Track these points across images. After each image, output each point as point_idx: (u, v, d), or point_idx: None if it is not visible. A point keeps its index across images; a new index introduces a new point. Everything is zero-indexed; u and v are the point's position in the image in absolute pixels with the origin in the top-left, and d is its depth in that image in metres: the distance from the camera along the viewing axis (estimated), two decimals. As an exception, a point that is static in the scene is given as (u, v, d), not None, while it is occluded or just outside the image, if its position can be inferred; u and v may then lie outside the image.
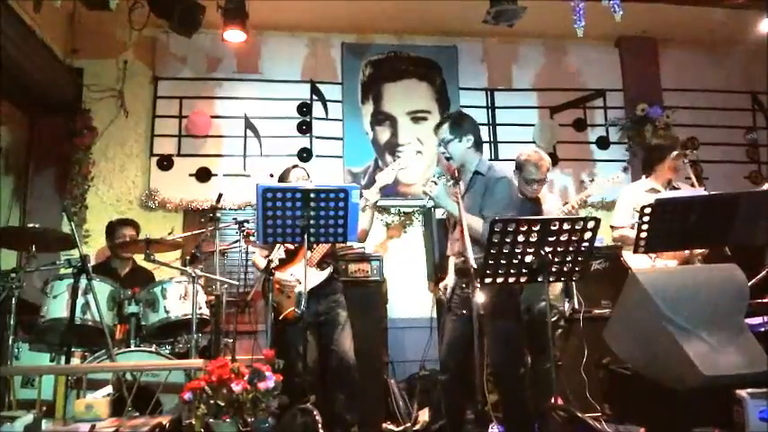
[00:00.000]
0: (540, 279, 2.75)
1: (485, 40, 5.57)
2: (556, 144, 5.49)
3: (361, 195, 3.56)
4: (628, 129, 5.50)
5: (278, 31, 5.34)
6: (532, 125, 5.51)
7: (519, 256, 2.69)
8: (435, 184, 2.98)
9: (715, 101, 5.68)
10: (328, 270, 3.55)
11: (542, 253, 2.67)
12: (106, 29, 5.11)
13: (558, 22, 4.80)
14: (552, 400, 2.59)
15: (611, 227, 3.83)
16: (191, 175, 5.09)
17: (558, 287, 3.67)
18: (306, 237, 2.83)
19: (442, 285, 3.19)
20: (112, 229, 4.23)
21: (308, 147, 5.26)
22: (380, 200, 3.58)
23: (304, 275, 2.91)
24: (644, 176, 3.85)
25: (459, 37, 5.51)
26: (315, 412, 1.50)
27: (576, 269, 2.78)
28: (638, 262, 3.48)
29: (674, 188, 3.70)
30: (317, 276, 3.51)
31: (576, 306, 3.95)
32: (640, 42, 5.67)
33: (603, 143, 5.57)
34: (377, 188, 3.54)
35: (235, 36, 4.67)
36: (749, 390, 2.06)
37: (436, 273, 4.20)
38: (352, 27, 5.42)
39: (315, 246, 3.39)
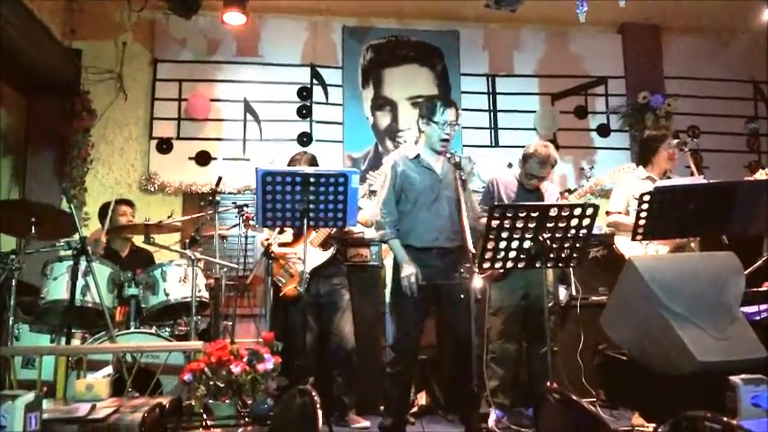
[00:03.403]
0: (538, 265, 2.77)
1: (486, 26, 5.54)
2: (556, 131, 5.48)
3: (364, 180, 3.58)
4: (629, 117, 5.49)
5: (278, 13, 5.31)
6: (533, 112, 5.50)
7: (517, 243, 2.71)
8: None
9: (716, 90, 5.67)
10: (331, 251, 3.57)
11: (540, 239, 2.69)
12: (104, 10, 5.08)
13: (560, 8, 4.77)
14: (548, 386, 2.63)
15: (607, 212, 3.84)
16: (190, 158, 5.09)
17: (550, 274, 3.68)
18: (305, 221, 2.84)
19: (408, 276, 3.02)
20: (107, 208, 4.20)
21: (308, 131, 5.25)
22: None
23: (304, 255, 2.92)
24: (641, 166, 3.86)
25: (460, 22, 5.48)
26: (313, 393, 1.52)
27: (574, 256, 2.80)
28: (630, 247, 3.50)
29: (668, 178, 3.70)
30: (319, 256, 3.54)
31: (574, 293, 3.98)
32: (644, 30, 5.64)
33: (604, 131, 5.56)
34: (382, 171, 3.55)
35: (235, 18, 4.64)
36: (742, 376, 2.08)
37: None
38: (352, 11, 5.39)
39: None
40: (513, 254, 2.74)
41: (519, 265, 2.79)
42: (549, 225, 2.69)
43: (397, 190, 3.14)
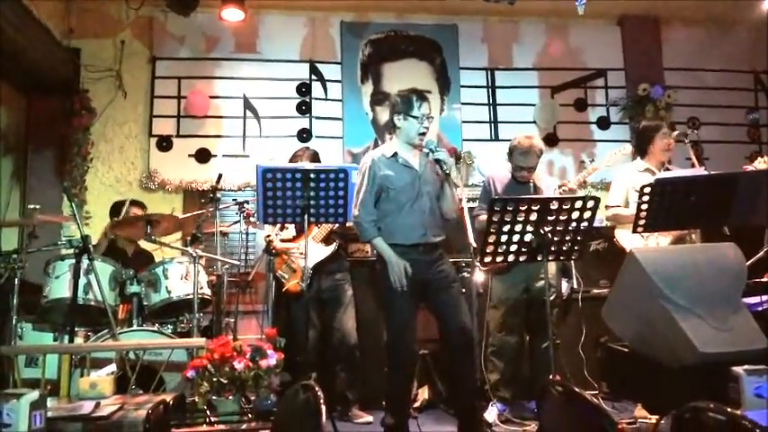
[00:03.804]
0: (539, 258, 2.78)
1: (485, 19, 5.52)
2: (556, 124, 5.47)
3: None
4: (629, 109, 5.48)
5: (276, 9, 5.29)
6: (533, 105, 5.49)
7: (518, 236, 2.72)
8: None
9: (717, 81, 5.65)
10: (333, 246, 3.58)
11: (542, 232, 2.69)
12: (103, 8, 5.07)
13: (559, 1, 4.75)
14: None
15: (606, 206, 3.85)
16: (190, 155, 5.08)
17: (553, 267, 3.68)
18: (306, 217, 2.85)
19: (397, 272, 2.96)
20: (118, 208, 4.21)
21: (308, 127, 5.24)
22: None
23: (305, 250, 2.93)
24: (638, 158, 3.86)
25: (459, 16, 5.47)
26: (317, 388, 1.52)
27: (576, 248, 2.81)
28: (630, 241, 3.50)
29: (667, 169, 3.70)
30: (322, 252, 3.54)
31: (575, 286, 3.98)
32: (643, 21, 5.62)
33: (604, 123, 5.55)
34: None
35: (233, 15, 4.63)
36: (745, 367, 2.09)
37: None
38: (350, 5, 5.37)
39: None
40: (514, 247, 2.75)
41: (520, 259, 2.80)
42: (549, 218, 2.69)
43: (376, 191, 3.06)
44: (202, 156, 5.09)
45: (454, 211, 3.12)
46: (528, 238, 2.73)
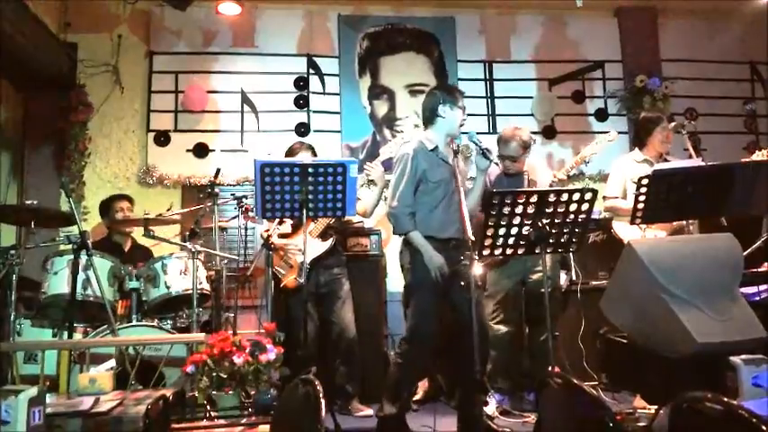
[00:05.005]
0: (537, 251, 2.78)
1: (483, 12, 5.51)
2: (554, 116, 5.47)
3: (363, 170, 3.58)
4: (626, 100, 5.47)
5: (273, 3, 5.27)
6: (531, 97, 5.48)
7: (516, 229, 2.72)
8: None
9: (714, 71, 5.64)
10: (330, 241, 3.58)
11: (540, 225, 2.69)
12: (99, 3, 5.04)
13: (556, -8, 4.73)
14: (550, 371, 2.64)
15: (604, 197, 3.86)
16: (188, 150, 5.07)
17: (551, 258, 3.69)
18: (304, 211, 2.84)
19: (440, 266, 3.01)
20: (107, 205, 4.24)
21: (306, 122, 5.23)
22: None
23: (304, 246, 2.93)
24: (636, 149, 3.85)
25: (456, 8, 5.45)
26: (316, 382, 1.53)
27: (574, 240, 2.81)
28: (628, 232, 3.51)
29: (665, 161, 3.70)
30: (319, 247, 3.55)
31: (574, 278, 3.99)
32: (640, 13, 5.61)
33: (602, 115, 5.55)
34: (379, 161, 3.57)
35: (229, 9, 4.62)
36: (743, 356, 2.10)
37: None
38: (347, -1, 5.36)
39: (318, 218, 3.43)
40: (512, 240, 2.75)
41: (519, 252, 2.80)
42: (547, 211, 2.69)
43: (415, 183, 3.06)
44: (200, 151, 5.08)
45: (477, 208, 3.13)
46: (526, 230, 2.73)
